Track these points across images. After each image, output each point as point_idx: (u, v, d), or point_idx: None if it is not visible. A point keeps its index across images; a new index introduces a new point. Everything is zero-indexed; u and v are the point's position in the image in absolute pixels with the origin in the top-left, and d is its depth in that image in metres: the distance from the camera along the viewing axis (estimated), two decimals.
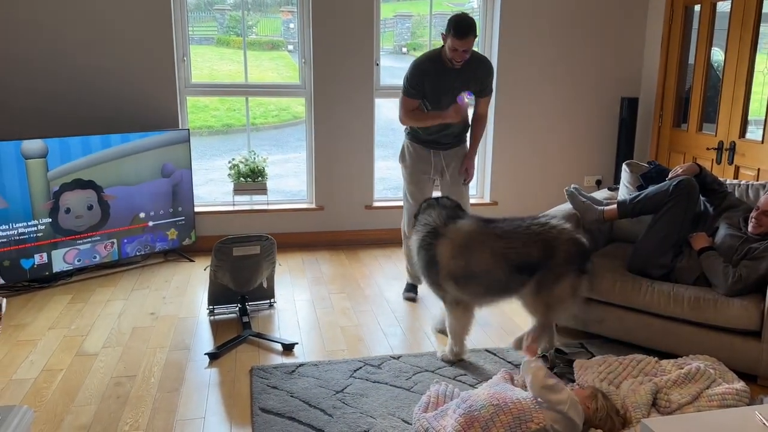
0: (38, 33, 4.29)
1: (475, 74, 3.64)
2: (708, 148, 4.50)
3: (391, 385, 2.85)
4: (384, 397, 2.76)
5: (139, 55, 4.46)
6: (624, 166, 3.83)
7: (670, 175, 3.37)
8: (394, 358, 3.12)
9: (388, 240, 5.02)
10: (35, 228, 3.94)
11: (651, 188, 3.33)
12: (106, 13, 4.36)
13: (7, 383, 2.87)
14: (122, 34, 4.41)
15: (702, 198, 3.36)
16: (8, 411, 2.40)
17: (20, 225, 3.87)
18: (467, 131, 3.87)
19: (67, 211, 4.07)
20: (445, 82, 3.61)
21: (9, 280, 3.88)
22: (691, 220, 3.22)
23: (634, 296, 3.15)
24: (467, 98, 3.63)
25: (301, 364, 3.04)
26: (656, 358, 2.89)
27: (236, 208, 4.89)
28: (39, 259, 3.99)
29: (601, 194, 3.94)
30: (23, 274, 3.93)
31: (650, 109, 5.19)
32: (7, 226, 3.81)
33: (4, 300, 3.06)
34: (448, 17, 3.48)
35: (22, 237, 3.89)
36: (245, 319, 3.50)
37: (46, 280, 4.07)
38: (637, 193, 3.41)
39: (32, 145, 3.87)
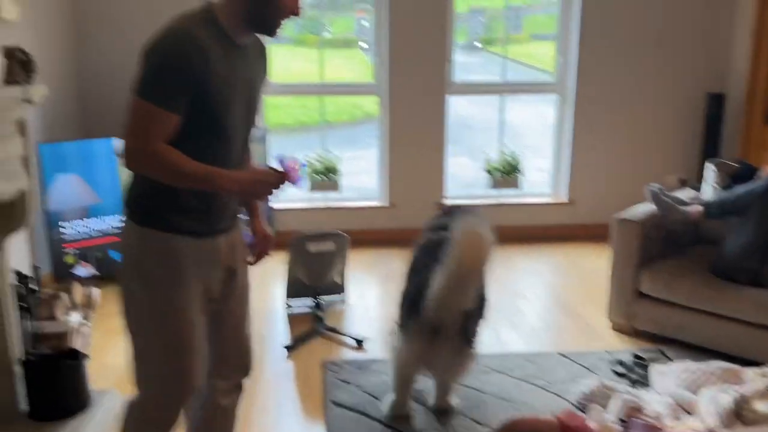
0: (125, 33, 4.46)
1: (262, 56, 1.90)
2: None
3: (461, 384, 2.85)
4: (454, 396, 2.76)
5: None
6: (710, 165, 3.66)
7: (759, 175, 3.21)
8: None
9: None
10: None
11: (739, 188, 3.18)
12: None
13: (99, 367, 3.05)
14: None
15: None
16: (101, 395, 2.57)
17: (111, 219, 4.10)
18: None
19: None
20: (233, 71, 1.74)
21: (101, 271, 4.12)
22: None
23: (718, 302, 3.02)
24: (298, 166, 1.78)
25: (373, 360, 3.09)
26: (740, 367, 2.76)
27: (311, 204, 5.00)
28: None
29: (685, 194, 3.79)
30: (114, 266, 4.17)
31: (739, 104, 4.93)
32: (99, 220, 4.05)
33: (98, 291, 3.27)
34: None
35: (113, 231, 4.12)
36: (319, 313, 3.58)
37: None
38: (725, 193, 3.26)
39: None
